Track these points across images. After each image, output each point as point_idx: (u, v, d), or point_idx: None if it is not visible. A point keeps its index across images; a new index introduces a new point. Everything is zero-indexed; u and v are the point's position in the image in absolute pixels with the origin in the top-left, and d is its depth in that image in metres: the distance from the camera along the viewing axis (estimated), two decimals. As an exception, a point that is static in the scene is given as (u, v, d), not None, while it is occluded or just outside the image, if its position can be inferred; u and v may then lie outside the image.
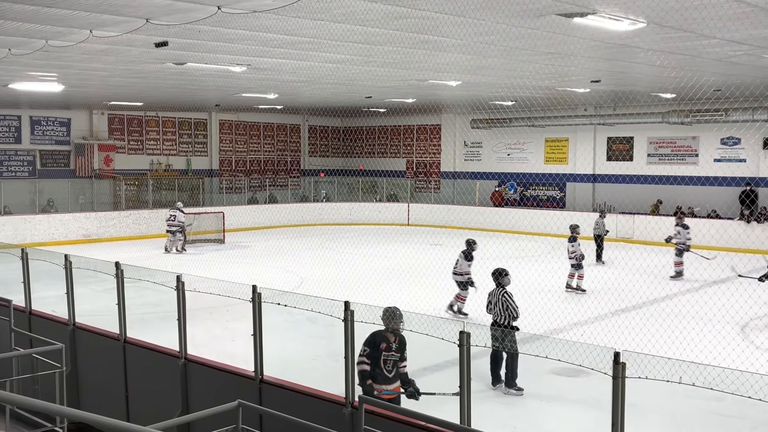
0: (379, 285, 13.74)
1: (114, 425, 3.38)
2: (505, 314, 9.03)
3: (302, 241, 23.04)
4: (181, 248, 21.38)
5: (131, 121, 28.12)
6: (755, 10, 9.08)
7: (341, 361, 6.23)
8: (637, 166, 25.79)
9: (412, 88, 19.57)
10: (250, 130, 31.90)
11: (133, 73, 15.95)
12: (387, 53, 12.89)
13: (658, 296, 13.81)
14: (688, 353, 8.90)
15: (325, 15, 9.51)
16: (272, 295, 7.19)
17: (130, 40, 11.07)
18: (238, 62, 14.26)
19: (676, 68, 13.86)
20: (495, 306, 9.17)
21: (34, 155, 25.65)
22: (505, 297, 9.10)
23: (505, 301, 9.07)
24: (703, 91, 16.51)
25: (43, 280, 10.60)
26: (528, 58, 13.63)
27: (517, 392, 8.68)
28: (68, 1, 8.60)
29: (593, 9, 8.95)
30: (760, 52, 12.55)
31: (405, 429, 5.68)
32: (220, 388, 7.41)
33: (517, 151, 29.22)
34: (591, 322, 12.28)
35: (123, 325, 8.59)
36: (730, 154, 23.71)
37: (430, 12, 9.21)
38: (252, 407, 5.84)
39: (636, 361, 4.79)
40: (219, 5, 8.65)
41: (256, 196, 30.78)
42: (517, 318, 9.08)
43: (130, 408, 8.52)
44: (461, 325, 5.60)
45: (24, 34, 10.76)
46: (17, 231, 21.70)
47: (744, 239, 19.63)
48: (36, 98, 22.00)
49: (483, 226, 25.33)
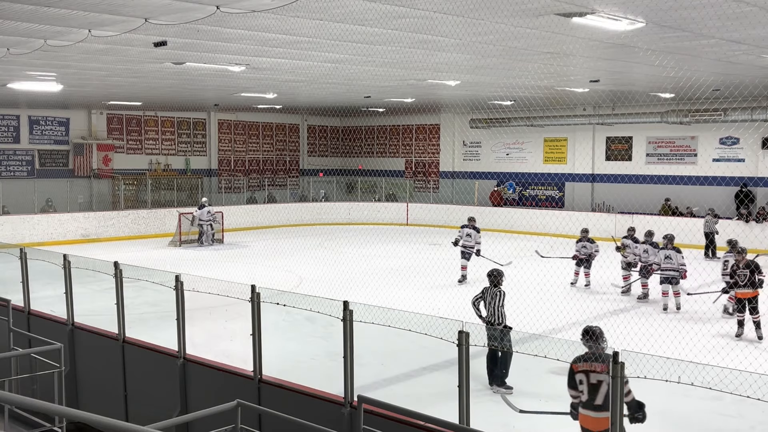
0: (378, 285, 13.74)
1: (113, 425, 3.38)
2: (497, 315, 8.97)
3: (301, 241, 23.03)
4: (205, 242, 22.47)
5: (130, 120, 28.11)
6: (754, 9, 9.08)
7: (340, 361, 6.23)
8: (636, 165, 25.80)
9: (411, 87, 19.57)
10: (248, 130, 31.90)
11: (132, 72, 15.94)
12: (386, 53, 12.89)
13: (657, 296, 13.80)
14: (686, 353, 8.91)
15: (324, 15, 9.50)
16: (271, 295, 7.19)
17: (129, 39, 11.07)
18: (237, 62, 14.25)
19: (674, 68, 13.86)
20: (488, 305, 9.07)
21: (33, 155, 25.63)
22: (497, 296, 9.02)
23: (500, 301, 9.00)
24: (701, 91, 16.52)
25: (42, 280, 10.59)
26: (527, 58, 13.63)
27: (506, 390, 8.69)
28: (67, 1, 8.59)
29: (592, 9, 8.95)
30: (759, 52, 12.55)
31: (404, 429, 5.68)
32: (218, 387, 7.40)
33: (516, 150, 29.23)
34: (590, 321, 12.27)
35: (122, 325, 8.59)
36: (728, 153, 23.73)
37: (429, 12, 9.21)
38: (251, 407, 5.84)
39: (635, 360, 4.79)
40: (218, 5, 8.64)
41: (255, 195, 30.76)
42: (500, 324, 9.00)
43: (129, 408, 8.51)
44: (460, 324, 5.60)
45: (23, 33, 10.75)
46: (16, 231, 21.68)
47: (743, 239, 19.58)
48: (35, 98, 21.98)
49: (482, 225, 25.09)
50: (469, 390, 5.53)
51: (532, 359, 5.98)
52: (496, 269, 9.49)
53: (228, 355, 8.52)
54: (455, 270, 16.04)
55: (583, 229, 15.72)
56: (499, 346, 8.28)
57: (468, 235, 15.90)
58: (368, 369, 8.96)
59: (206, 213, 22.51)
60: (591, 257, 15.34)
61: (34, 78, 16.79)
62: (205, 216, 22.47)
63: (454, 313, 10.57)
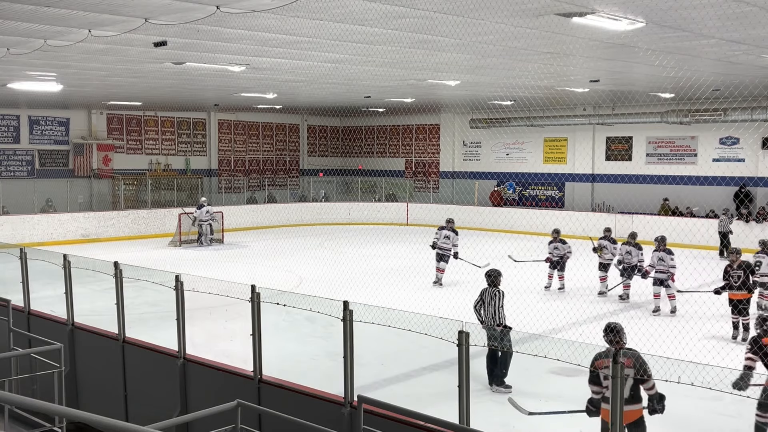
0: (378, 285, 13.74)
1: (113, 425, 3.38)
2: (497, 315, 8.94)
3: (301, 241, 23.03)
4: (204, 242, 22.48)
5: (130, 120, 28.11)
6: (754, 9, 9.08)
7: (340, 361, 6.23)
8: (636, 165, 25.80)
9: (411, 87, 19.57)
10: (248, 130, 31.90)
11: (132, 72, 15.94)
12: (386, 53, 12.89)
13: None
14: (686, 353, 8.91)
15: (324, 15, 9.50)
16: (271, 295, 7.19)
17: (129, 39, 11.07)
18: (237, 62, 14.25)
19: (674, 68, 13.85)
20: (488, 306, 9.06)
21: (33, 155, 25.63)
22: (496, 296, 9.00)
23: (495, 302, 8.97)
24: (701, 91, 16.52)
25: (42, 280, 10.59)
26: (527, 58, 13.63)
27: (505, 390, 8.69)
28: (67, 1, 8.59)
29: (592, 9, 8.95)
30: (759, 52, 12.55)
31: (404, 429, 5.68)
32: (218, 388, 7.40)
33: (516, 150, 29.23)
34: (590, 321, 12.28)
35: (122, 325, 8.59)
36: (728, 153, 23.73)
37: (429, 11, 9.21)
38: (251, 407, 5.84)
39: (635, 360, 4.79)
40: (218, 5, 8.64)
41: (255, 195, 30.77)
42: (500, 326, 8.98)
43: (129, 408, 8.51)
44: (460, 324, 5.60)
45: (22, 33, 10.75)
46: (16, 231, 21.68)
47: (743, 239, 19.65)
48: (35, 98, 21.98)
49: (482, 225, 25.30)
50: (469, 390, 5.53)
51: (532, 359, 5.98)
52: (494, 269, 9.46)
53: (228, 355, 8.51)
54: (455, 270, 16.02)
55: (554, 230, 15.27)
56: (499, 346, 8.28)
57: (446, 237, 15.59)
58: (368, 369, 8.96)
59: (205, 213, 22.51)
60: (563, 259, 14.94)
61: (34, 78, 16.79)
62: (204, 216, 22.48)
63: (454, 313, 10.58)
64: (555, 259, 15.02)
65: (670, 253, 13.03)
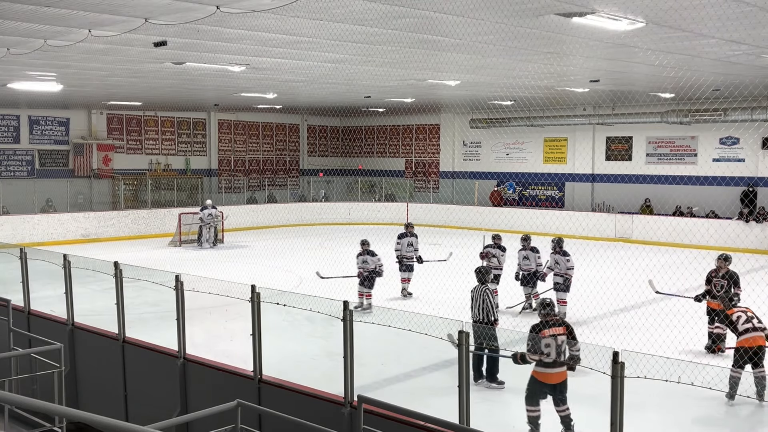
0: (378, 284, 13.73)
1: (113, 425, 3.38)
2: (484, 314, 8.92)
3: (301, 241, 23.03)
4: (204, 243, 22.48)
5: (130, 120, 28.11)
6: (754, 9, 9.08)
7: (340, 361, 6.23)
8: (636, 165, 25.80)
9: (411, 87, 19.57)
10: (249, 130, 31.90)
11: (132, 72, 15.94)
12: (386, 53, 12.89)
13: (656, 296, 13.78)
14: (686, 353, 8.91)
15: (324, 15, 9.50)
16: (271, 295, 7.19)
17: (129, 39, 11.07)
18: (237, 62, 14.25)
19: (674, 68, 13.86)
20: (478, 304, 9.02)
21: (33, 155, 25.62)
22: (486, 294, 8.99)
23: (486, 298, 8.96)
24: (701, 91, 16.52)
25: (42, 280, 10.59)
26: (527, 58, 13.63)
27: (498, 386, 8.70)
28: (67, 1, 8.59)
29: (592, 9, 8.95)
30: (759, 52, 12.55)
31: (404, 429, 5.68)
32: (219, 387, 7.41)
33: (516, 150, 29.22)
34: (590, 321, 12.28)
35: (122, 325, 8.59)
36: (728, 153, 23.73)
37: (429, 11, 9.21)
38: (251, 407, 5.84)
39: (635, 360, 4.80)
40: (218, 5, 8.64)
41: (255, 195, 30.76)
42: (495, 322, 8.98)
43: (129, 408, 8.52)
44: (460, 324, 5.61)
45: (22, 33, 10.75)
46: (16, 231, 21.68)
47: (743, 239, 19.65)
48: (35, 98, 21.98)
49: (482, 225, 25.24)
50: (469, 390, 5.54)
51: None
52: (482, 266, 9.41)
53: (228, 355, 8.51)
54: (455, 270, 15.97)
55: (524, 237, 13.07)
56: (487, 345, 8.34)
57: (409, 245, 14.57)
58: (368, 369, 8.96)
59: (207, 215, 22.50)
60: (536, 275, 12.70)
61: (34, 78, 16.79)
62: (206, 218, 22.46)
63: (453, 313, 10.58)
64: (526, 273, 12.79)
65: (566, 254, 12.13)
